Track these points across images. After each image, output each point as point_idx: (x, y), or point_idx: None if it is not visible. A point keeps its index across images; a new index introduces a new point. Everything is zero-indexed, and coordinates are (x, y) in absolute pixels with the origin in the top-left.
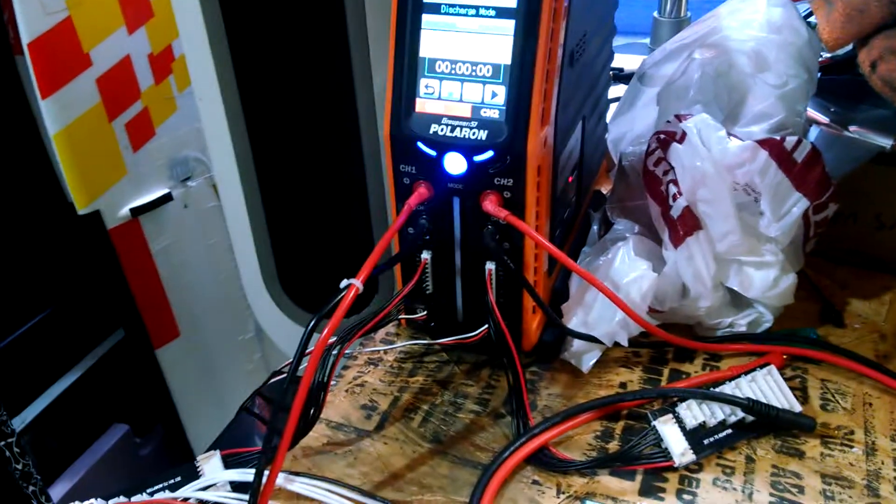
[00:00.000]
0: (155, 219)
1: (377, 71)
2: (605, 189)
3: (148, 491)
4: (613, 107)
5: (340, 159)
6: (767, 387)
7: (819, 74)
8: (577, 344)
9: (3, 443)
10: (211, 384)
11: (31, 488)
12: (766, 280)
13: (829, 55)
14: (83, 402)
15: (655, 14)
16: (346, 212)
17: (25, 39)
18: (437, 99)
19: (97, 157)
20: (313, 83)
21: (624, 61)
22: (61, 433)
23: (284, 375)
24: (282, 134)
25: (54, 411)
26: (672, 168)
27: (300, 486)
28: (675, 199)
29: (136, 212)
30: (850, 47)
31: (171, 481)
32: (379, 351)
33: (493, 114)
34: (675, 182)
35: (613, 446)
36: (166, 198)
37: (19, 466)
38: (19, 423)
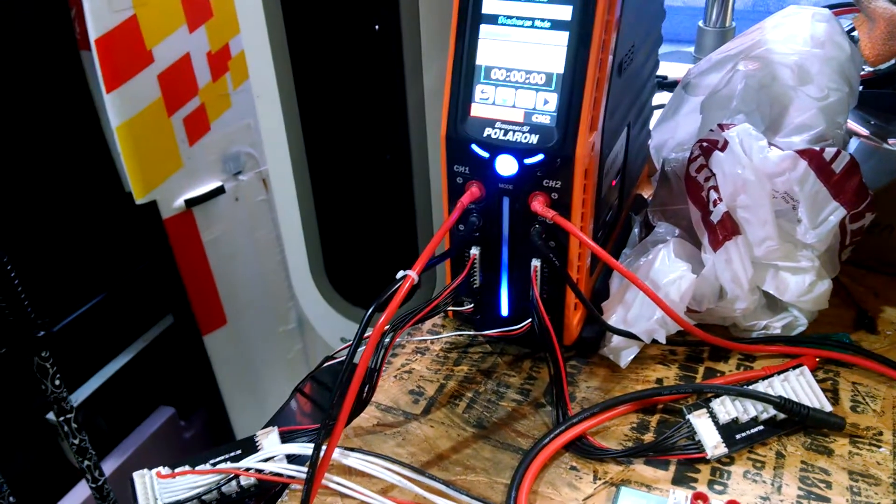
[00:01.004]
0: (207, 210)
1: (428, 71)
2: (646, 193)
3: (210, 462)
4: (657, 114)
5: (389, 157)
6: (799, 386)
7: (860, 88)
8: (615, 340)
9: (62, 418)
10: (253, 372)
11: (86, 463)
12: (801, 285)
13: (871, 69)
14: (132, 384)
15: (700, 23)
16: (391, 208)
17: (93, 35)
18: (491, 104)
19: (156, 150)
20: (366, 82)
21: (668, 69)
22: (110, 413)
23: (336, 361)
24: (333, 130)
25: (105, 392)
26: (713, 175)
27: (354, 460)
28: (715, 204)
29: (190, 203)
30: (891, 62)
31: (233, 454)
32: (426, 340)
33: (545, 119)
34: (716, 188)
35: (648, 437)
36: (219, 190)
37: (76, 441)
38: (73, 401)
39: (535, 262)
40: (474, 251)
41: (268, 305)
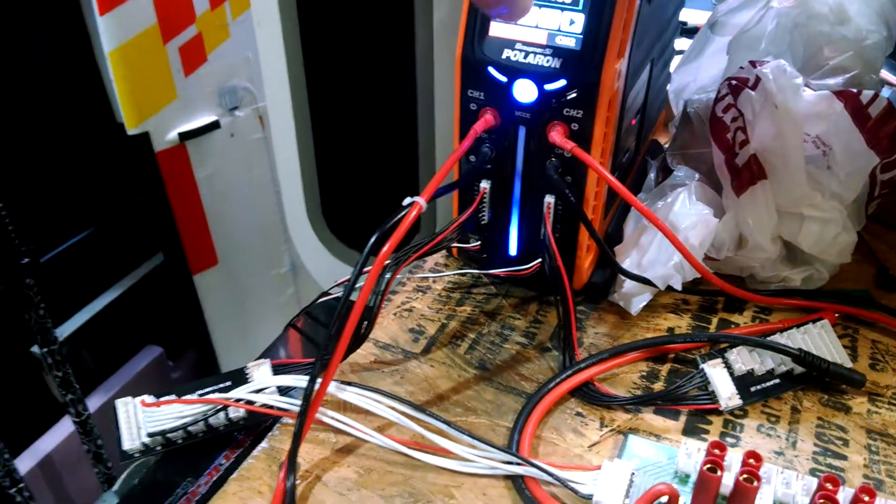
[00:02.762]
0: (201, 145)
1: (439, 2)
2: (662, 140)
3: (198, 392)
4: (676, 59)
5: (394, 95)
6: (819, 340)
7: None
8: (627, 286)
9: (46, 349)
10: (243, 314)
11: (69, 396)
12: (826, 236)
13: None
14: (120, 321)
15: None
16: (393, 150)
17: None
18: (512, 23)
19: (150, 79)
20: (372, 13)
21: (688, 15)
22: (97, 350)
23: (331, 297)
24: (336, 64)
25: (91, 328)
26: (741, 115)
27: (350, 394)
28: (742, 146)
29: (183, 137)
30: None
31: (222, 385)
32: (428, 279)
33: (570, 42)
34: (744, 129)
35: (658, 387)
36: (214, 125)
37: (59, 374)
38: (58, 334)
39: (549, 199)
40: (484, 184)
41: (261, 247)
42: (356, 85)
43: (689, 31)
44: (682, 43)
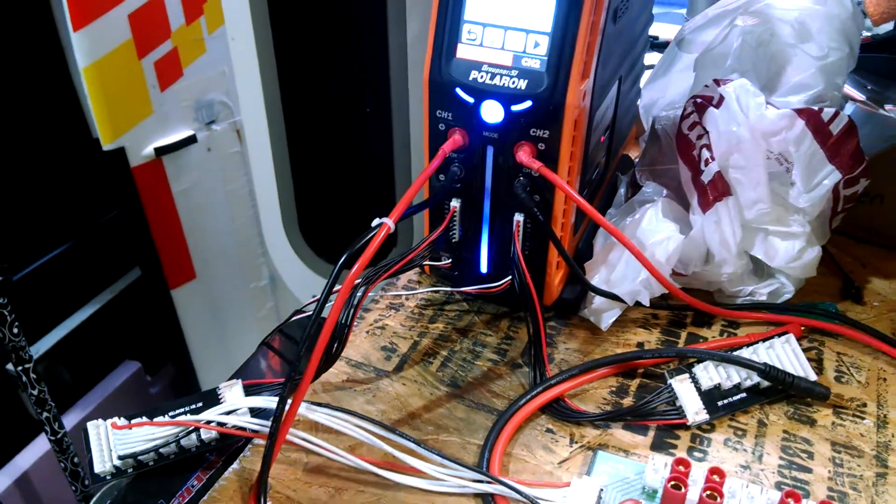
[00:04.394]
0: (178, 160)
1: (412, 17)
2: (633, 154)
3: (170, 414)
4: (646, 74)
5: (369, 110)
6: (785, 354)
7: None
8: (597, 301)
9: (20, 368)
10: (222, 329)
11: (45, 414)
12: (790, 251)
13: (869, 33)
14: (97, 337)
15: None
16: (369, 164)
17: None
18: (478, 46)
19: (125, 94)
20: (346, 28)
21: (659, 30)
22: (74, 366)
23: (306, 314)
24: (311, 79)
25: (68, 344)
26: (707, 132)
27: (321, 415)
28: (707, 163)
29: (160, 151)
30: (890, 26)
31: (193, 406)
32: (401, 296)
33: (535, 64)
34: (709, 147)
35: (628, 402)
36: (190, 140)
37: (35, 392)
38: (34, 352)
39: (518, 217)
40: (454, 203)
41: (239, 261)
42: (331, 99)
43: (660, 46)
44: (652, 57)
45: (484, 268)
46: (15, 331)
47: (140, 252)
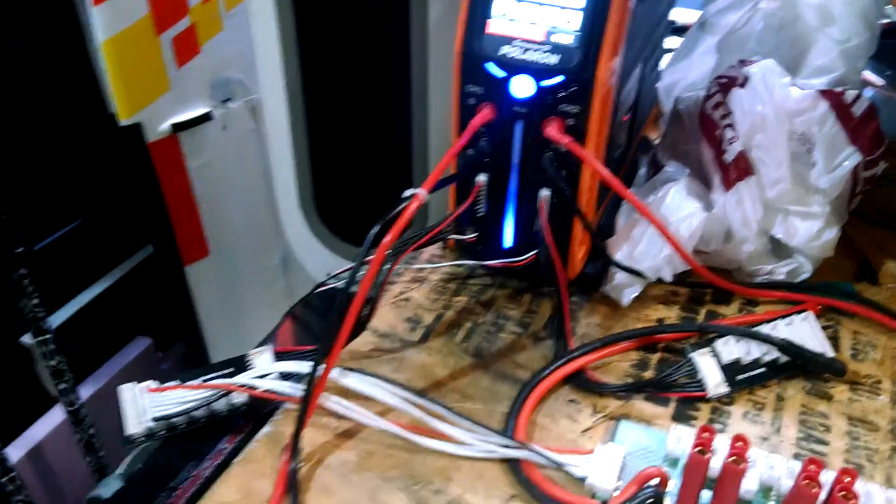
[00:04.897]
0: (194, 137)
1: None
2: (652, 136)
3: (202, 378)
4: (666, 58)
5: (388, 88)
6: (803, 331)
7: None
8: (619, 277)
9: (39, 339)
10: (234, 306)
11: (62, 385)
12: (810, 231)
13: (889, 20)
14: (109, 312)
15: None
16: (387, 144)
17: None
18: (510, 21)
19: (143, 70)
20: (368, 7)
21: (677, 14)
22: (86, 341)
23: (329, 287)
24: (332, 56)
25: (80, 319)
26: (730, 113)
27: (352, 380)
28: (730, 143)
29: (176, 128)
30: None
31: (224, 371)
32: (424, 270)
33: (567, 39)
34: (732, 127)
35: (649, 375)
36: (206, 117)
37: (53, 363)
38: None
39: (545, 192)
40: (481, 178)
41: (253, 240)
42: (351, 78)
43: (679, 30)
44: (671, 41)
45: (508, 242)
46: (35, 302)
47: (154, 228)
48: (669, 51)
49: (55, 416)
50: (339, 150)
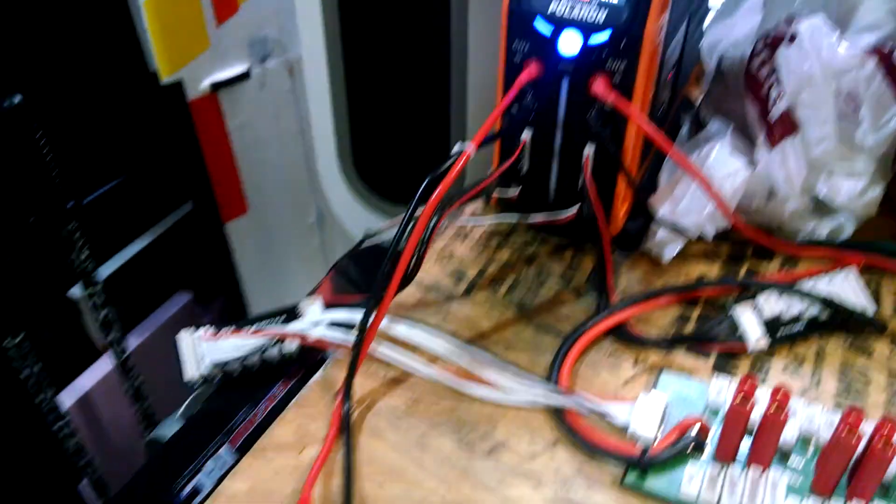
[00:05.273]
0: (232, 95)
1: None
2: (694, 95)
3: (254, 327)
4: (709, 17)
5: (427, 47)
6: (845, 288)
7: None
8: (660, 234)
9: (89, 291)
10: (272, 262)
11: (111, 336)
12: (853, 189)
13: None
14: (151, 267)
15: None
16: (425, 102)
17: None
18: None
19: (183, 28)
20: None
21: None
22: (129, 296)
23: (374, 242)
24: (371, 15)
25: (124, 274)
26: (776, 70)
27: (401, 329)
28: (775, 101)
29: (215, 87)
30: None
31: (277, 319)
32: (467, 225)
33: None
34: (778, 84)
35: (689, 329)
36: (244, 76)
37: (102, 315)
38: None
39: (589, 149)
40: (526, 134)
41: (289, 197)
42: (390, 35)
43: None
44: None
45: (551, 198)
46: (84, 255)
47: (194, 186)
48: (713, 9)
49: (102, 367)
50: (378, 108)
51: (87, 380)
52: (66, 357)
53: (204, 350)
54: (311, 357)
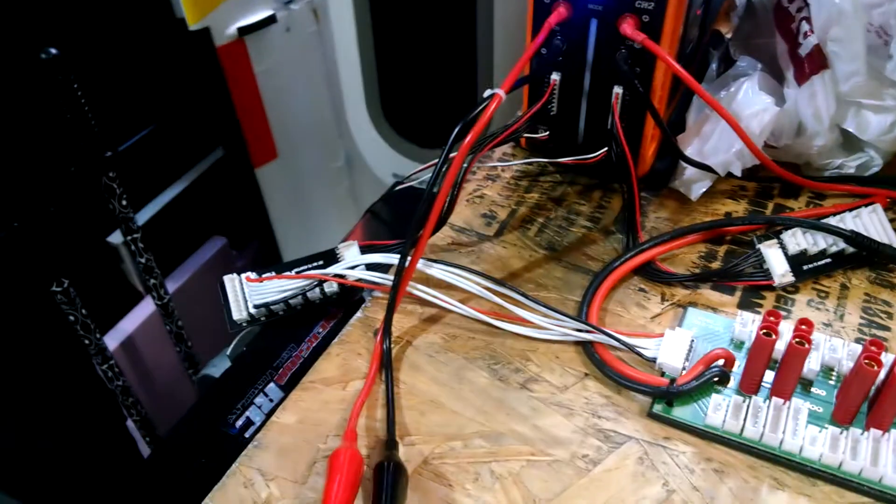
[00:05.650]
0: (259, 40)
1: None
2: (724, 29)
3: (296, 270)
4: None
5: None
6: (870, 223)
7: None
8: (688, 172)
9: (129, 237)
10: (303, 206)
11: (152, 281)
12: (882, 124)
13: None
14: (186, 213)
15: None
16: (452, 45)
17: None
18: None
19: None
20: None
21: None
22: (166, 241)
23: (407, 185)
24: None
25: (160, 220)
26: (807, 5)
27: (436, 270)
28: (805, 36)
29: (242, 31)
30: None
31: (316, 263)
32: (497, 168)
33: None
34: (808, 19)
35: (716, 265)
36: (270, 20)
37: (143, 260)
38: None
39: (617, 90)
40: (554, 76)
41: (317, 141)
42: None
43: None
44: None
45: (580, 139)
46: (124, 203)
47: (224, 132)
48: None
49: (142, 311)
50: (405, 53)
51: (130, 323)
52: (108, 301)
53: (248, 292)
54: (350, 297)
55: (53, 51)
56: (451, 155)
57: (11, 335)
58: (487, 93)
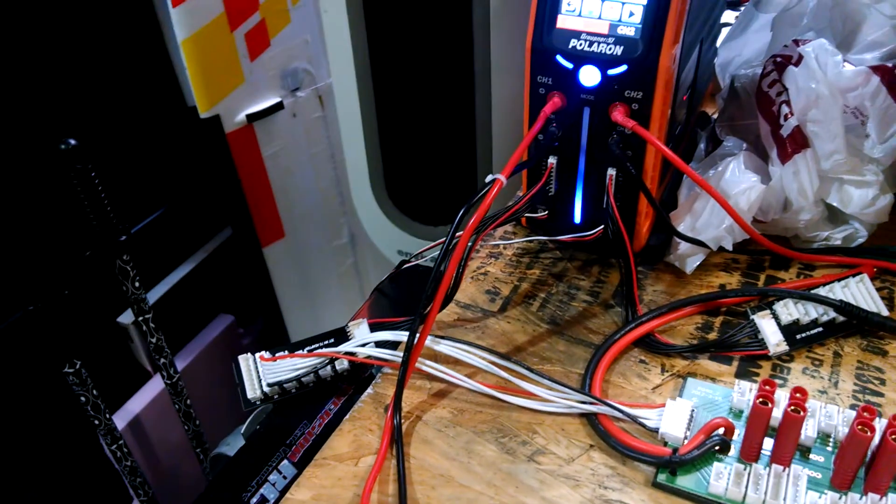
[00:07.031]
0: (267, 125)
1: None
2: (709, 111)
3: (307, 348)
4: (722, 34)
5: (453, 75)
6: (859, 292)
7: None
8: (682, 247)
9: (141, 318)
10: (308, 283)
11: (161, 360)
12: (864, 198)
13: None
14: (194, 292)
15: None
16: (452, 128)
17: None
18: (577, 16)
19: (219, 65)
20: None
21: None
22: (174, 320)
23: (412, 264)
24: (398, 47)
25: (167, 301)
26: (786, 90)
27: (444, 346)
28: (786, 118)
29: (251, 118)
30: None
31: (326, 342)
32: (499, 246)
33: (630, 31)
34: (788, 103)
35: (713, 336)
36: (277, 106)
37: (153, 340)
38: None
39: (611, 171)
40: (552, 160)
41: (322, 220)
42: (417, 66)
43: (734, 4)
44: (726, 16)
45: (578, 218)
46: (136, 284)
47: (233, 213)
48: (725, 25)
49: (151, 390)
50: (407, 134)
51: (138, 403)
52: (116, 380)
53: (262, 371)
54: (361, 373)
55: (73, 141)
56: (458, 234)
57: (23, 416)
58: (489, 178)
